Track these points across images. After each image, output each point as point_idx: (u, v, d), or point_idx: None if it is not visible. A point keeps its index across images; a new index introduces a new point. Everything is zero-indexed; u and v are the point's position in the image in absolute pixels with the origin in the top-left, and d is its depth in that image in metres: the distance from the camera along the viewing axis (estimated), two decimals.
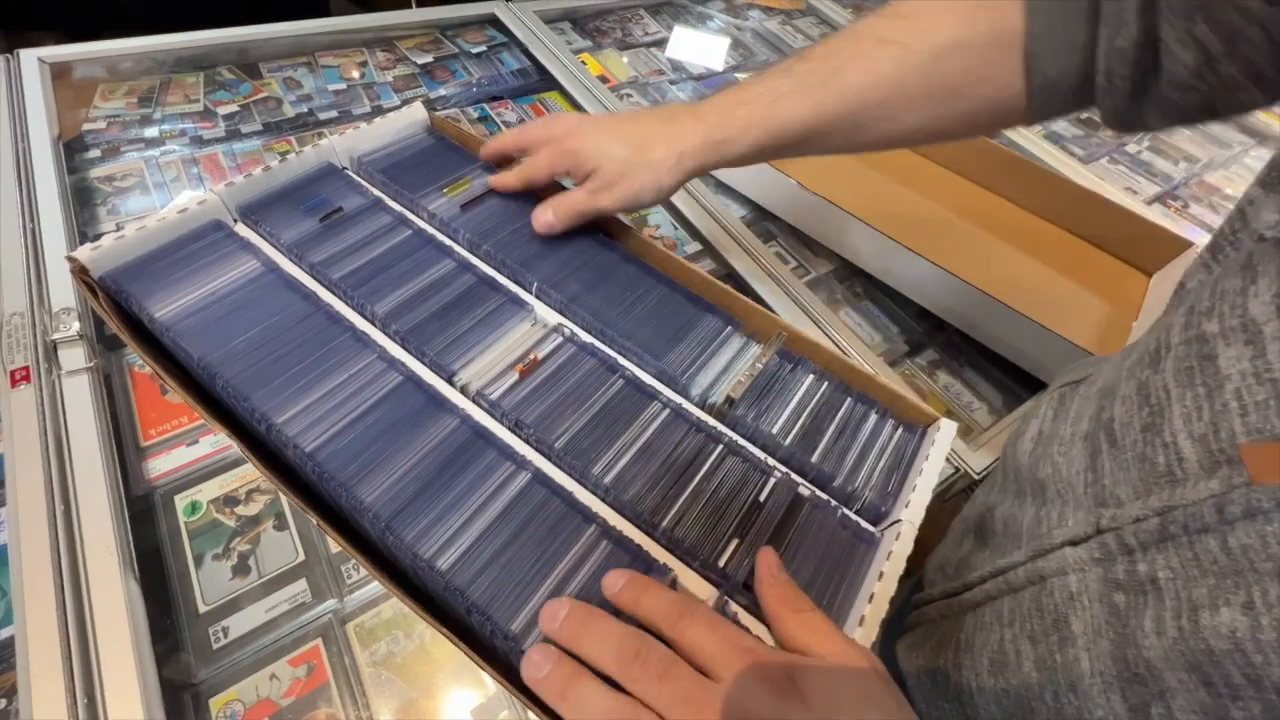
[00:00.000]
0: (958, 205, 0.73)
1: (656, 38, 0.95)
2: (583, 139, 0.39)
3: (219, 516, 0.42)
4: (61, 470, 0.39)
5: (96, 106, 0.66)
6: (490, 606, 0.25)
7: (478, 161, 0.44)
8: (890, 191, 0.74)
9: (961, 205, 0.73)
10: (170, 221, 0.34)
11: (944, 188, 0.75)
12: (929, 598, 0.39)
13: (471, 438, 0.30)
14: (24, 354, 0.43)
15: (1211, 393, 0.23)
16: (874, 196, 0.72)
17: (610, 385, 0.34)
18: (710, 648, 0.21)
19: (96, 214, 0.57)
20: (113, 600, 0.35)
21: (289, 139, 0.69)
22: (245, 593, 0.39)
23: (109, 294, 0.32)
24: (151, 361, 0.30)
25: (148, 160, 0.63)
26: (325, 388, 0.30)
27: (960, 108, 0.34)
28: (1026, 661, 0.29)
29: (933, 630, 0.38)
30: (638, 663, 0.21)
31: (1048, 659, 0.28)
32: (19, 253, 0.48)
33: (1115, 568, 0.25)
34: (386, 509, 0.27)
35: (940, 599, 0.38)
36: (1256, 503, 0.20)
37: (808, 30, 1.04)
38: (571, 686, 0.21)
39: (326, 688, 0.36)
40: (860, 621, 0.27)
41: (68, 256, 0.30)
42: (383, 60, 0.81)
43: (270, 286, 0.33)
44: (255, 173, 0.37)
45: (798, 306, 0.59)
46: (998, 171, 0.74)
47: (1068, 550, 0.28)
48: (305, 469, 0.28)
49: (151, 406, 0.46)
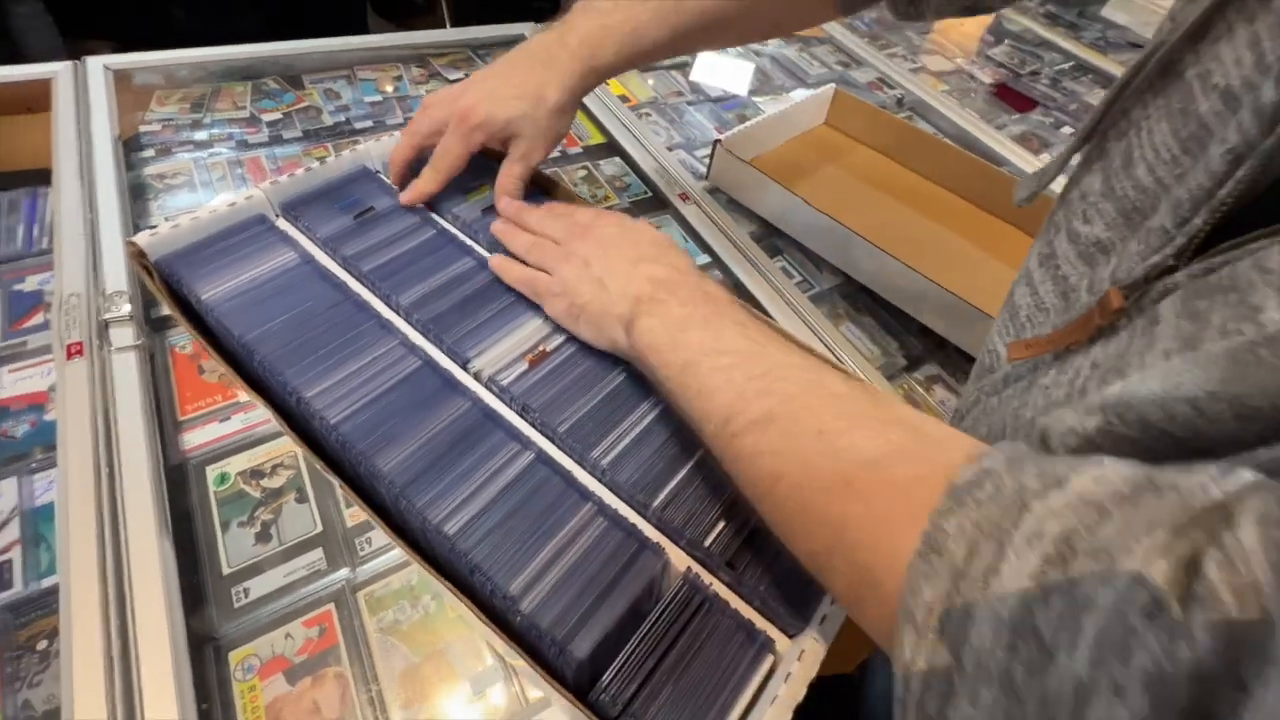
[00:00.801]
0: (958, 225, 0.75)
1: (678, 62, 0.99)
2: (483, 109, 0.42)
3: (245, 488, 0.45)
4: (108, 437, 0.42)
5: (153, 110, 0.71)
6: (491, 569, 0.28)
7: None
8: (893, 211, 0.76)
9: (963, 225, 0.75)
10: (220, 213, 0.37)
11: (946, 209, 0.78)
12: None
13: (481, 419, 0.33)
14: (79, 330, 0.47)
15: (1013, 315, 0.33)
16: (878, 215, 0.75)
17: (612, 378, 0.37)
18: (556, 231, 0.40)
19: (148, 208, 0.61)
20: (149, 557, 0.38)
21: (326, 145, 0.73)
22: (266, 558, 0.41)
23: (163, 275, 0.35)
24: (197, 336, 0.34)
25: (196, 161, 0.67)
26: (351, 368, 0.33)
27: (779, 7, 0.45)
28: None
29: None
30: (534, 248, 0.40)
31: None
32: (80, 239, 0.52)
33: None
34: (401, 477, 0.30)
35: None
36: (1015, 371, 0.30)
37: (824, 57, 1.07)
38: (506, 266, 0.41)
39: (336, 649, 0.39)
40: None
41: (128, 241, 0.34)
42: (416, 75, 0.86)
43: (306, 276, 0.36)
44: (297, 173, 0.41)
45: (800, 319, 0.61)
46: (999, 194, 0.76)
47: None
48: (330, 439, 0.31)
49: (188, 385, 0.49)
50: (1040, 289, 0.30)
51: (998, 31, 1.29)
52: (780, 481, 0.24)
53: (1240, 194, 0.21)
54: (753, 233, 0.73)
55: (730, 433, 0.26)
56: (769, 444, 0.25)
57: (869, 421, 0.23)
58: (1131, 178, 0.26)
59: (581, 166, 0.77)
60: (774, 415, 0.25)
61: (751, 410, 0.26)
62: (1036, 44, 1.24)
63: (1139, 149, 0.26)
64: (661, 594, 0.30)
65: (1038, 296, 0.30)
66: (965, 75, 1.11)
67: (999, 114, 1.01)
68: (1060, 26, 1.34)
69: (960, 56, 1.17)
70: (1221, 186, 0.21)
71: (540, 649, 0.28)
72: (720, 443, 0.28)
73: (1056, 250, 0.30)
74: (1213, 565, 0.13)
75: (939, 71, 1.10)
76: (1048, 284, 0.30)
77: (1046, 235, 0.32)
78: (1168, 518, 0.14)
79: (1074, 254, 0.29)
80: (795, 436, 0.24)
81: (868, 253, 0.63)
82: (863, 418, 0.24)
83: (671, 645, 0.28)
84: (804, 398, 0.25)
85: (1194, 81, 0.24)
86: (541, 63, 0.43)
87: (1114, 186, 0.27)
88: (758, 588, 0.30)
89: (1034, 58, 1.20)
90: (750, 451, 0.26)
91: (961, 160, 0.78)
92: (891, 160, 0.83)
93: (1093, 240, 0.28)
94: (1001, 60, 1.18)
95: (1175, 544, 0.14)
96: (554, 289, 0.37)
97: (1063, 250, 0.29)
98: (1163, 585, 0.13)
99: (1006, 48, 1.22)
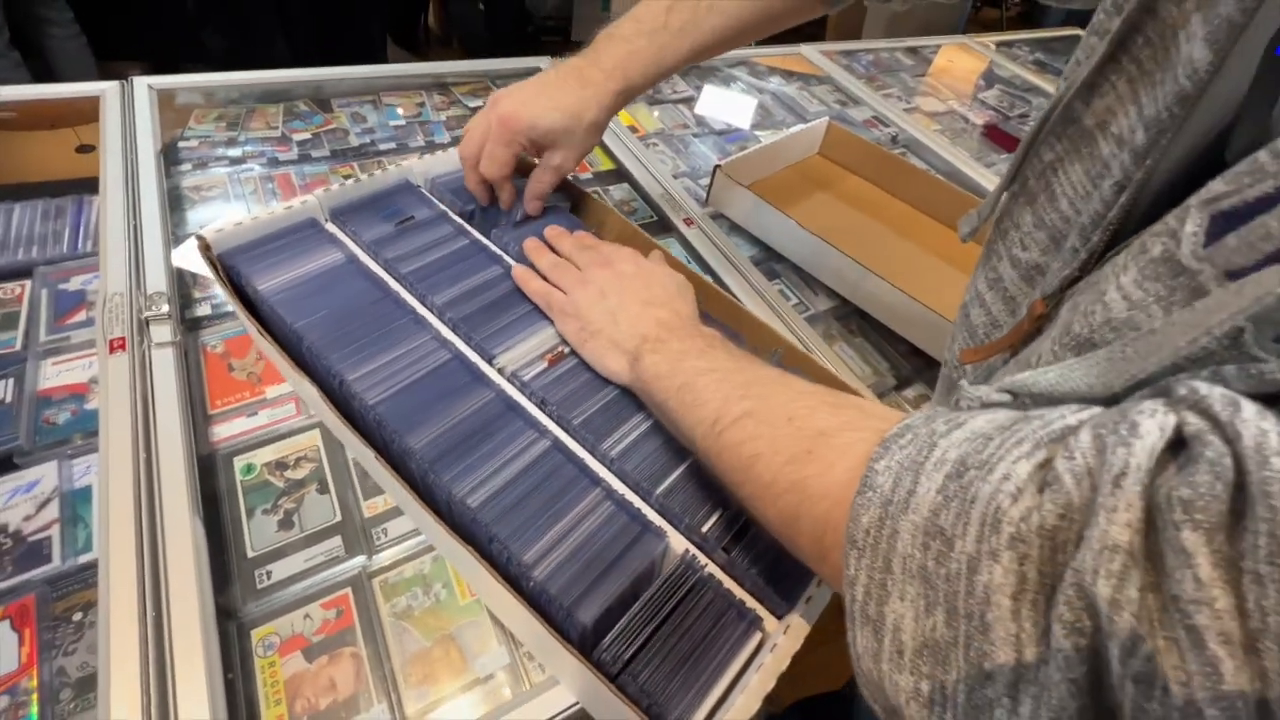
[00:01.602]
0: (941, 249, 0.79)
1: (684, 96, 1.05)
2: (525, 116, 0.46)
3: (270, 478, 0.47)
4: (146, 426, 0.45)
5: (191, 128, 0.76)
6: (509, 539, 0.31)
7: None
8: (881, 236, 0.81)
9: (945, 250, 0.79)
10: (277, 215, 0.41)
11: (930, 234, 0.82)
12: None
13: (504, 409, 0.36)
14: (121, 327, 0.50)
15: (970, 333, 0.37)
16: (867, 239, 0.79)
17: None
18: (580, 258, 0.45)
19: (185, 217, 0.65)
20: (182, 537, 0.40)
21: (352, 165, 0.78)
22: (288, 544, 0.44)
23: (224, 267, 0.39)
24: (252, 322, 0.37)
25: (230, 175, 0.72)
26: (388, 356, 0.36)
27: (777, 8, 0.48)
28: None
29: None
30: (556, 268, 0.45)
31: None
32: (123, 243, 0.56)
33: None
34: (430, 454, 0.32)
35: None
36: (975, 381, 0.34)
37: (823, 96, 1.13)
38: (526, 279, 0.45)
39: (352, 630, 0.41)
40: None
41: (197, 235, 0.37)
42: (438, 102, 0.91)
43: (351, 274, 0.40)
44: (347, 183, 0.45)
45: (796, 339, 0.65)
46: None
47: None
48: (367, 417, 0.34)
49: (218, 381, 0.52)
50: (993, 308, 0.35)
51: (989, 77, 1.36)
52: (757, 460, 0.28)
53: (1123, 216, 0.26)
54: (752, 256, 0.77)
55: (717, 431, 0.31)
56: (748, 433, 0.29)
57: (827, 408, 0.28)
58: (1057, 210, 0.31)
59: (592, 191, 0.81)
60: (752, 411, 0.30)
61: (735, 410, 0.31)
62: (1025, 89, 1.31)
63: (1059, 185, 0.31)
64: (661, 572, 0.32)
65: (991, 315, 0.35)
66: (957, 116, 1.17)
67: (989, 153, 1.07)
68: (1048, 73, 1.41)
69: (953, 99, 1.23)
70: (1110, 210, 0.26)
71: (550, 612, 0.30)
72: (709, 442, 0.32)
73: (1002, 275, 0.35)
74: (1060, 461, 0.17)
75: (932, 112, 1.16)
76: (998, 303, 0.35)
77: (990, 262, 0.37)
78: (1032, 436, 0.19)
79: (1016, 276, 0.33)
80: (769, 424, 0.29)
81: (857, 274, 0.67)
82: (824, 405, 0.28)
83: (668, 616, 0.31)
84: (778, 396, 0.30)
85: (1094, 130, 0.29)
86: (577, 83, 0.47)
87: (1044, 218, 0.32)
88: (749, 571, 0.33)
89: (1022, 101, 1.26)
90: (733, 442, 0.30)
91: (943, 190, 0.82)
92: (879, 189, 0.88)
93: (1031, 264, 0.32)
94: (992, 104, 1.24)
95: (1035, 452, 0.18)
96: (567, 309, 0.42)
97: (1007, 274, 0.34)
98: (1024, 477, 0.18)
99: (997, 91, 1.29)
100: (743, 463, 0.29)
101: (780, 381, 0.32)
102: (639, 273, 0.42)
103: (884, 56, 1.32)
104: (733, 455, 0.30)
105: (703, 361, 0.35)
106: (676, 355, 0.36)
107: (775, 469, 0.27)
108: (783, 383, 0.31)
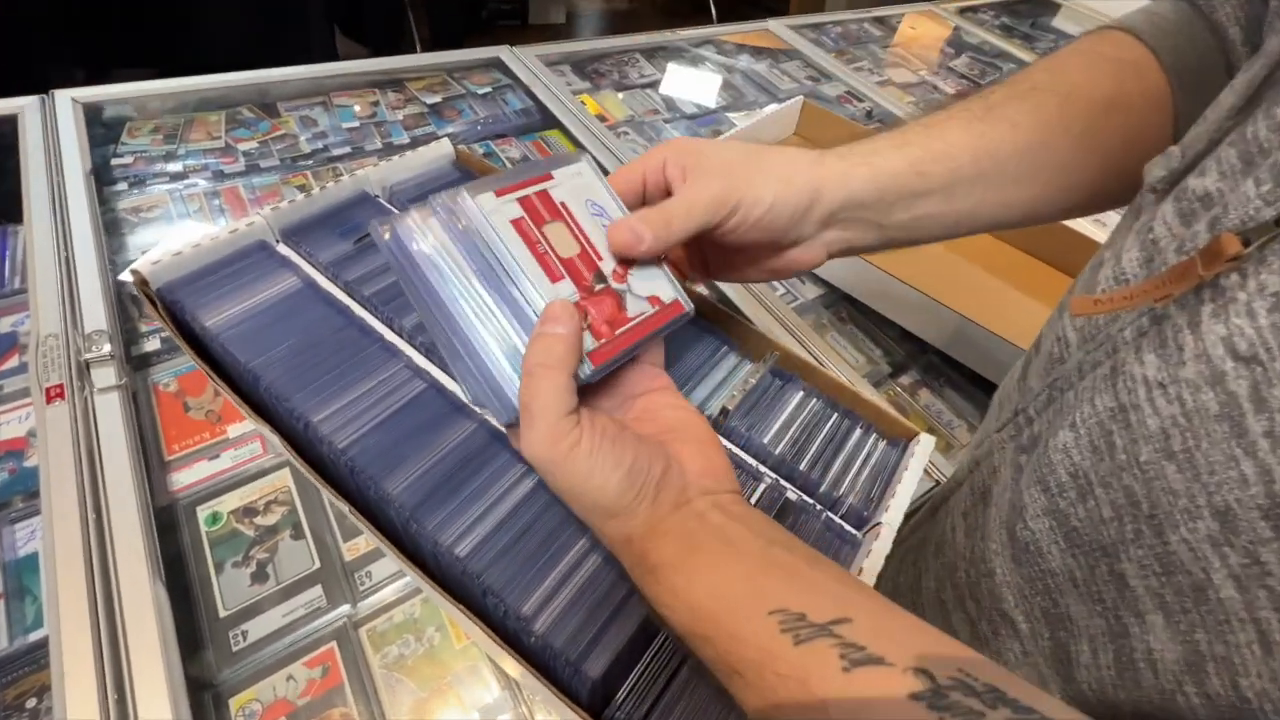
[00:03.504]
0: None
1: (651, 79, 1.01)
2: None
3: (239, 526, 0.44)
4: (94, 481, 0.41)
5: (124, 143, 0.70)
6: (504, 590, 0.28)
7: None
8: None
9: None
10: (221, 240, 0.37)
11: None
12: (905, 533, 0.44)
13: (488, 440, 0.33)
14: (59, 373, 0.45)
15: (1090, 292, 0.28)
16: None
17: None
18: None
19: (125, 243, 0.60)
20: (142, 604, 0.37)
21: (305, 173, 0.73)
22: (264, 598, 0.41)
23: (165, 304, 0.35)
24: (202, 364, 0.33)
25: (172, 193, 0.66)
26: (357, 392, 0.33)
27: (1115, 165, 0.33)
28: (959, 533, 0.34)
29: (900, 548, 0.42)
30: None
31: (973, 524, 0.33)
32: (54, 278, 0.51)
33: (1022, 436, 0.31)
34: (411, 500, 0.29)
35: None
36: (1095, 358, 0.27)
37: (794, 73, 1.10)
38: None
39: (341, 689, 0.38)
40: None
41: (131, 269, 0.33)
42: (394, 100, 0.86)
43: (308, 301, 0.36)
44: (298, 199, 0.41)
45: (785, 331, 0.62)
46: None
47: (995, 436, 0.33)
48: (338, 463, 0.30)
49: (174, 423, 0.48)
50: (1124, 258, 0.26)
51: (957, 44, 1.34)
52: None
53: None
54: None
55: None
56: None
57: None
58: (1270, 117, 0.22)
59: None
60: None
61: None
62: (994, 55, 1.29)
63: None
64: None
65: (1119, 267, 0.26)
66: (929, 86, 1.15)
67: None
68: (1015, 38, 1.40)
69: (923, 69, 1.21)
70: None
71: (554, 669, 0.28)
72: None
73: (1158, 213, 0.25)
74: None
75: (904, 84, 1.14)
76: (1133, 251, 0.26)
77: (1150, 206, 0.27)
78: None
79: (1173, 212, 0.24)
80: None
81: (850, 263, 0.65)
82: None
83: (682, 663, 0.29)
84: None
85: None
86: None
87: (1245, 130, 0.23)
88: None
89: (993, 68, 1.25)
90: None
91: None
92: None
93: (1200, 195, 0.23)
94: (963, 71, 1.23)
95: None
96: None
97: (1162, 212, 0.25)
98: None
99: (966, 59, 1.27)
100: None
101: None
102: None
103: (853, 29, 1.29)
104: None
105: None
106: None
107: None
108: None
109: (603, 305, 0.28)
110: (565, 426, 0.24)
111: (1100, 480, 0.25)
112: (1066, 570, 0.27)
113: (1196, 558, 0.21)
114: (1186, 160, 0.25)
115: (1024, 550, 0.29)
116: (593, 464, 0.24)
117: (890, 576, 0.43)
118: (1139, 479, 0.23)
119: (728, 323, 0.43)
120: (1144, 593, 0.24)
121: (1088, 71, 0.34)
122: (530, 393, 0.24)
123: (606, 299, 0.28)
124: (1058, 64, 0.35)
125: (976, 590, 0.32)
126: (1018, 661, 0.30)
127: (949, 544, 0.35)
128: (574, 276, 0.28)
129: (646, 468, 0.25)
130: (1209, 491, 0.21)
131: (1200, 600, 0.22)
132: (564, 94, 0.89)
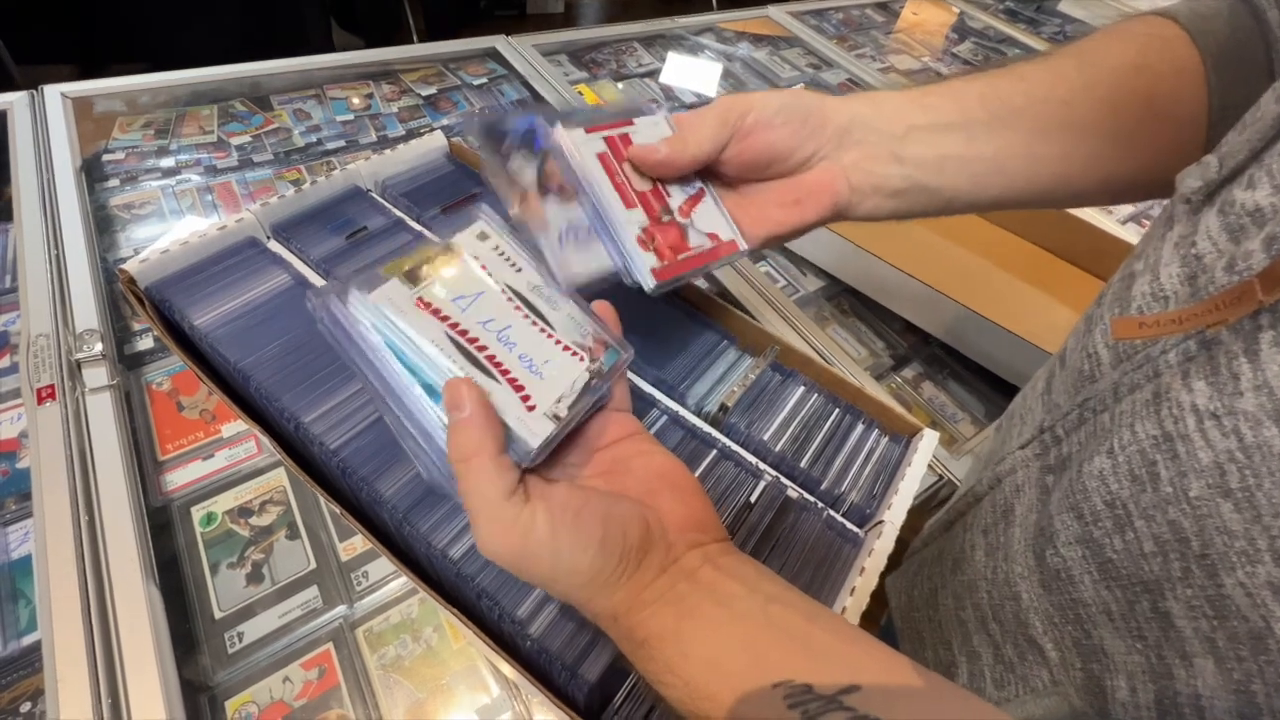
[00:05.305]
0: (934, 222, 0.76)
1: (650, 68, 1.00)
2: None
3: (233, 527, 0.43)
4: (86, 483, 0.40)
5: (115, 138, 0.69)
6: (498, 593, 0.27)
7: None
8: None
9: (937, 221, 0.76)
10: (210, 238, 0.36)
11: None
12: (918, 545, 0.42)
13: None
14: (49, 373, 0.45)
15: (1124, 308, 0.27)
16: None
17: None
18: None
19: (116, 240, 0.59)
20: (136, 606, 0.36)
21: (299, 168, 0.72)
22: (259, 599, 0.40)
23: (154, 303, 0.34)
24: (191, 364, 0.33)
25: (164, 189, 0.66)
26: (349, 391, 0.32)
27: (1144, 133, 0.32)
28: (979, 551, 0.32)
29: (914, 559, 0.41)
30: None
31: (994, 543, 0.31)
32: (44, 277, 0.50)
33: (1049, 455, 0.30)
34: (404, 501, 0.29)
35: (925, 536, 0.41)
36: (1133, 380, 0.25)
37: (794, 60, 1.09)
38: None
39: (337, 690, 0.38)
40: (841, 612, 0.29)
41: (119, 269, 0.33)
42: (388, 92, 0.85)
43: (300, 298, 0.35)
44: (288, 194, 0.40)
45: (787, 323, 0.61)
46: None
47: (1018, 453, 0.32)
48: (330, 464, 0.30)
49: (168, 423, 0.48)
50: (1163, 273, 0.25)
51: (961, 30, 1.31)
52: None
53: None
54: None
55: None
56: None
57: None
58: None
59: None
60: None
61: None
62: (999, 40, 1.27)
63: None
64: None
65: (1158, 283, 0.25)
66: (932, 73, 1.13)
67: None
68: (1020, 23, 1.37)
69: (927, 55, 1.19)
70: None
71: (550, 673, 0.27)
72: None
73: (1199, 226, 0.24)
74: None
75: (907, 70, 1.12)
76: (1174, 266, 0.24)
77: (1185, 217, 0.26)
78: None
79: (1218, 226, 0.23)
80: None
81: (848, 251, 0.64)
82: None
83: None
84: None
85: None
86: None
87: None
88: None
89: (997, 53, 1.23)
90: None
91: None
92: None
93: (1250, 209, 0.22)
94: (966, 57, 1.21)
95: None
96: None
97: (1206, 225, 0.24)
98: None
99: (970, 44, 1.25)
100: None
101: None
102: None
103: (854, 14, 1.27)
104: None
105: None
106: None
107: None
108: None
109: (668, 233, 0.30)
110: (510, 512, 0.21)
111: (1141, 512, 0.23)
112: (1100, 602, 0.25)
113: (1255, 604, 0.20)
114: (1225, 171, 0.23)
115: (1054, 577, 0.27)
116: (557, 546, 0.21)
117: (904, 589, 0.41)
118: (1188, 514, 0.21)
119: (728, 316, 0.42)
120: (1192, 635, 0.22)
121: (1109, 39, 0.33)
122: (463, 491, 0.22)
123: (671, 229, 0.31)
124: (1081, 39, 0.34)
125: (1000, 613, 0.31)
126: (1046, 690, 0.28)
127: (968, 561, 0.34)
128: (645, 207, 0.31)
129: (621, 536, 0.22)
130: (1271, 535, 0.19)
131: (1259, 649, 0.20)
132: (561, 84, 0.87)
